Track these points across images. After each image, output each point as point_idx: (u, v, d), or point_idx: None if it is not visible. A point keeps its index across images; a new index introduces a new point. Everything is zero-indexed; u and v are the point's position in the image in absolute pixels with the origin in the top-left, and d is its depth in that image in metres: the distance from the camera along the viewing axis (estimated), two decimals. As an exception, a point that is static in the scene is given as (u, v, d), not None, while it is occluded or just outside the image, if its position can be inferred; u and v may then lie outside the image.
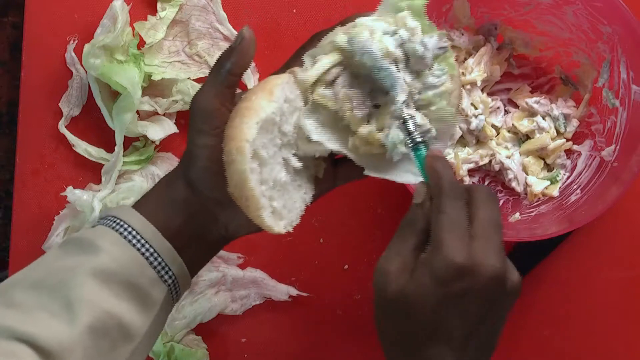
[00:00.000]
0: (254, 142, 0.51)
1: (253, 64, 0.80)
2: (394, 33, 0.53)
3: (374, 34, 0.54)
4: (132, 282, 0.51)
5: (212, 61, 0.79)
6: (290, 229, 0.55)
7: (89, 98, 0.80)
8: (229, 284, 0.80)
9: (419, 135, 0.52)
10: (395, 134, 0.53)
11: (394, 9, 0.55)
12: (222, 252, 0.80)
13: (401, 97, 0.52)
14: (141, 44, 0.79)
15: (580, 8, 0.70)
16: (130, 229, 0.53)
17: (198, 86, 0.77)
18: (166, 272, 0.53)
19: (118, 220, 0.53)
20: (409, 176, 0.55)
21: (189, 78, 0.79)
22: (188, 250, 0.55)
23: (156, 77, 0.78)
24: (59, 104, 0.80)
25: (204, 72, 0.79)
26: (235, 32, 0.79)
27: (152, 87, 0.80)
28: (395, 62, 0.53)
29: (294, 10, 0.81)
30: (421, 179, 0.52)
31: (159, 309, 0.53)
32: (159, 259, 0.53)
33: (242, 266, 0.81)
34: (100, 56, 0.76)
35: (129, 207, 0.55)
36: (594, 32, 0.71)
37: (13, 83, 0.83)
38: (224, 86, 0.54)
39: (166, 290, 0.54)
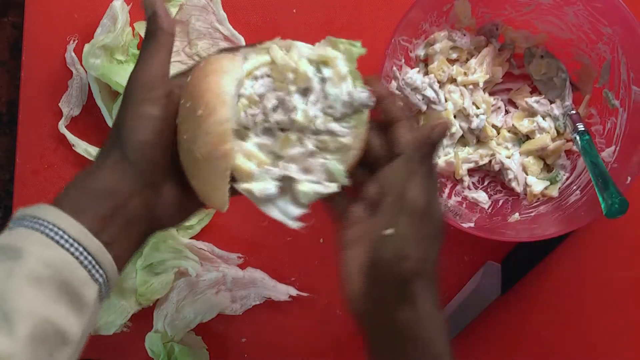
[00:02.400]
0: (232, 98, 0.51)
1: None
2: (318, 66, 0.55)
3: (299, 57, 0.55)
4: (65, 284, 0.48)
5: None
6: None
7: (89, 98, 0.80)
8: (229, 284, 0.80)
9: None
10: (267, 186, 0.55)
11: (332, 47, 0.56)
12: (222, 252, 0.80)
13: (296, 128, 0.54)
14: (141, 44, 0.79)
15: (580, 9, 0.70)
16: (55, 229, 0.49)
17: None
18: (97, 271, 0.50)
19: (40, 221, 0.49)
20: (276, 212, 0.57)
21: None
22: (116, 245, 0.52)
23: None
24: (59, 104, 0.80)
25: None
26: (235, 32, 0.79)
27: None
28: (306, 92, 0.54)
29: (294, 10, 0.81)
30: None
31: (92, 309, 0.51)
32: (89, 258, 0.49)
33: (242, 266, 0.81)
34: (100, 56, 0.76)
35: (48, 205, 0.50)
36: (595, 33, 0.71)
37: (13, 83, 0.83)
38: (163, 50, 0.53)
39: (97, 289, 0.51)
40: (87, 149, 0.80)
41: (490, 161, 0.76)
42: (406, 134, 0.56)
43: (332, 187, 0.55)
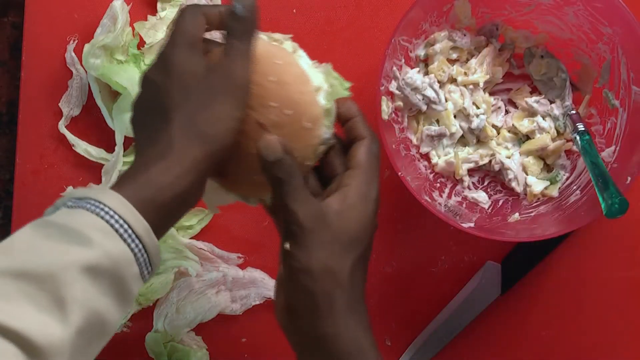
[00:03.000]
0: None
1: None
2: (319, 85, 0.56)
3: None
4: (119, 279, 0.48)
5: None
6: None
7: (89, 98, 0.80)
8: (229, 284, 0.80)
9: None
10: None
11: (325, 75, 0.57)
12: (222, 252, 0.80)
13: None
14: (141, 44, 0.79)
15: (580, 9, 0.70)
16: (121, 221, 0.48)
17: None
18: (147, 269, 0.50)
19: (106, 209, 0.48)
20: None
21: None
22: (167, 225, 0.52)
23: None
24: (59, 104, 0.80)
25: None
26: None
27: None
28: None
29: (294, 10, 0.81)
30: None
31: (132, 304, 0.52)
32: (145, 256, 0.49)
33: (242, 266, 0.81)
34: (100, 56, 0.76)
35: (113, 192, 0.49)
36: (595, 33, 0.71)
37: (13, 83, 0.83)
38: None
39: (142, 284, 0.51)
40: (87, 149, 0.80)
41: (490, 161, 0.76)
42: (363, 153, 0.57)
43: (253, 203, 0.59)
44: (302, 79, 0.55)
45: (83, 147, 0.80)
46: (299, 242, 0.53)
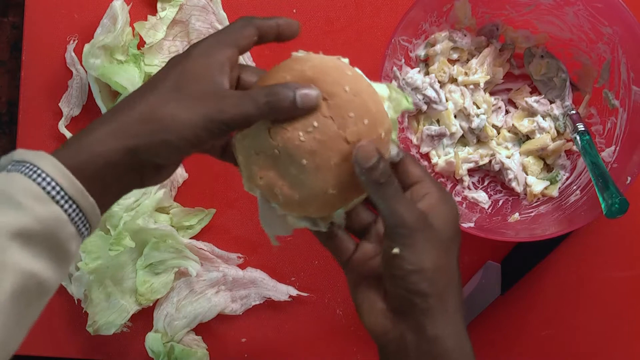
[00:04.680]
0: None
1: (253, 64, 0.80)
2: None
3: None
4: (53, 240, 0.49)
5: None
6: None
7: (89, 98, 0.80)
8: (229, 284, 0.80)
9: None
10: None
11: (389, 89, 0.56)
12: (222, 252, 0.80)
13: None
14: (141, 44, 0.79)
15: (580, 9, 0.70)
16: (53, 183, 0.49)
17: None
18: (84, 226, 0.51)
19: (39, 172, 0.49)
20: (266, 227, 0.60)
21: None
22: (103, 198, 0.52)
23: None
24: (59, 104, 0.80)
25: None
26: None
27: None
28: None
29: (294, 10, 0.81)
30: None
31: (72, 260, 0.52)
32: (80, 215, 0.50)
33: (242, 266, 0.81)
34: (100, 56, 0.76)
35: (49, 155, 0.50)
36: (595, 33, 0.71)
37: (13, 83, 0.83)
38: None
39: (80, 241, 0.51)
40: (87, 149, 0.80)
41: (490, 161, 0.76)
42: (414, 168, 0.56)
43: (322, 227, 0.57)
44: (372, 90, 0.55)
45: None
46: (409, 244, 0.52)
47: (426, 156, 0.77)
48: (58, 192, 0.49)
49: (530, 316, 0.80)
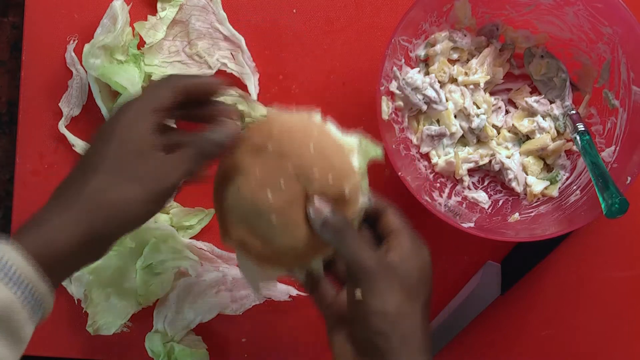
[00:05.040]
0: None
1: (253, 64, 0.80)
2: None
3: None
4: (5, 323, 0.50)
5: (212, 61, 0.79)
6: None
7: (89, 98, 0.80)
8: (229, 284, 0.80)
9: None
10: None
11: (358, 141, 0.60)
12: (222, 252, 0.80)
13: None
14: (141, 44, 0.79)
15: (580, 9, 0.70)
16: (7, 267, 0.50)
17: None
18: (38, 311, 0.52)
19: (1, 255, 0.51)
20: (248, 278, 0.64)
21: None
22: (60, 278, 0.55)
23: (156, 78, 0.78)
24: (59, 104, 0.80)
25: (204, 72, 0.79)
26: (235, 32, 0.79)
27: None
28: None
29: (294, 10, 0.81)
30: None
31: (26, 343, 0.53)
32: (33, 301, 0.51)
33: (242, 266, 0.81)
34: (100, 56, 0.76)
35: (6, 243, 0.52)
36: (595, 33, 0.71)
37: (13, 83, 0.83)
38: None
39: (33, 326, 0.53)
40: (87, 149, 0.80)
41: (490, 161, 0.76)
42: (394, 218, 0.60)
43: (299, 275, 0.61)
44: (339, 147, 0.58)
45: (83, 147, 0.80)
46: (370, 288, 0.55)
47: (426, 156, 0.77)
48: (11, 278, 0.50)
49: (530, 316, 0.80)
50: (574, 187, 0.74)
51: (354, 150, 0.59)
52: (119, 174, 0.54)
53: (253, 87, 0.79)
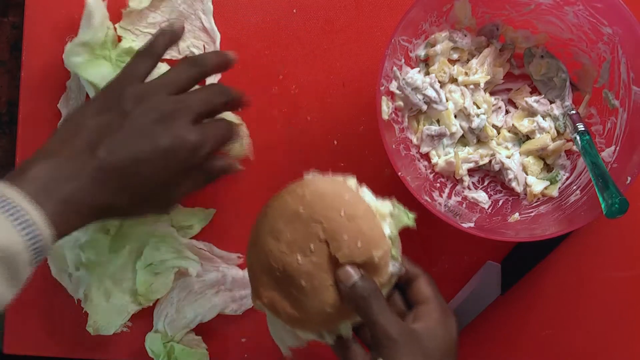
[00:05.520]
0: None
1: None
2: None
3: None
4: (9, 263, 0.53)
5: (183, 46, 0.79)
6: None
7: (88, 98, 0.80)
8: (229, 284, 0.80)
9: None
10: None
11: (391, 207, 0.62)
12: (222, 252, 0.80)
13: None
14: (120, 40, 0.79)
15: (580, 9, 0.70)
16: (20, 211, 0.54)
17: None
18: (38, 256, 0.56)
19: (9, 202, 0.55)
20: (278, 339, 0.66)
21: None
22: (61, 227, 0.58)
23: (124, 44, 0.78)
24: (57, 105, 0.80)
25: (172, 54, 0.79)
26: (214, 27, 0.79)
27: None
28: None
29: (294, 10, 0.81)
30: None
31: (23, 283, 0.56)
32: (37, 246, 0.55)
33: (242, 266, 0.81)
34: (82, 54, 0.75)
35: (16, 188, 0.56)
36: (595, 33, 0.71)
37: (13, 83, 0.83)
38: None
39: (31, 270, 0.56)
40: (87, 149, 0.80)
41: (490, 161, 0.76)
42: (426, 288, 0.62)
43: (328, 339, 0.62)
44: (370, 213, 0.59)
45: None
46: (391, 355, 0.56)
47: (426, 156, 0.77)
48: (22, 222, 0.54)
49: (530, 316, 0.80)
50: (574, 187, 0.74)
51: (386, 216, 0.60)
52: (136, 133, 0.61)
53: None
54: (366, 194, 0.61)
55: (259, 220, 0.62)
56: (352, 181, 0.61)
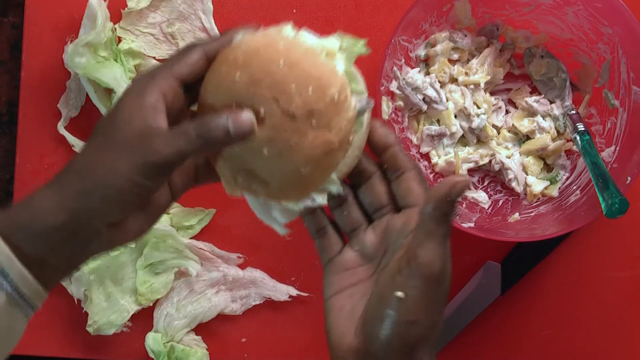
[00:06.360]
0: None
1: None
2: None
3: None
4: None
5: (182, 45, 0.79)
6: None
7: (88, 99, 0.80)
8: (229, 284, 0.80)
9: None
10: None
11: (338, 41, 0.54)
12: (222, 252, 0.80)
13: None
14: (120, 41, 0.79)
15: (581, 9, 0.70)
16: None
17: None
18: (20, 297, 0.49)
19: None
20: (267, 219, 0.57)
21: (154, 58, 0.79)
22: (54, 266, 0.50)
23: (124, 45, 0.78)
24: (58, 105, 0.80)
25: (172, 54, 0.79)
26: (214, 27, 0.79)
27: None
28: None
29: (294, 10, 0.81)
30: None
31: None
32: (9, 285, 0.48)
33: (242, 266, 0.81)
34: (85, 54, 0.76)
35: None
36: (595, 33, 0.71)
37: (13, 83, 0.83)
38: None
39: (5, 295, 0.48)
40: (87, 149, 0.80)
41: (490, 161, 0.76)
42: (418, 187, 0.53)
43: (320, 200, 0.54)
44: (311, 53, 0.52)
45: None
46: (423, 290, 0.48)
47: (426, 156, 0.77)
48: None
49: (530, 316, 0.80)
50: (574, 187, 0.74)
51: (336, 52, 0.53)
52: (108, 141, 0.49)
53: None
54: (306, 36, 0.54)
55: (200, 102, 0.54)
56: (287, 28, 0.54)
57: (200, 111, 0.53)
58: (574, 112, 0.74)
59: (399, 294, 0.48)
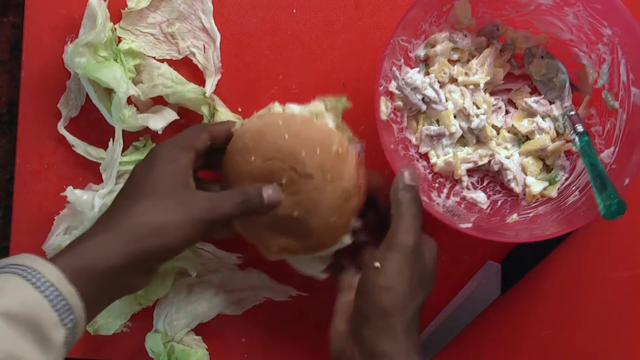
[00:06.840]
0: None
1: (219, 65, 0.79)
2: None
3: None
4: (35, 323, 0.52)
5: (183, 46, 0.79)
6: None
7: (87, 99, 0.80)
8: (229, 285, 0.80)
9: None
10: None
11: (322, 103, 0.65)
12: (222, 252, 0.80)
13: None
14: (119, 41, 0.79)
15: (580, 9, 0.70)
16: (33, 272, 0.53)
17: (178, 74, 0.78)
18: (67, 316, 0.54)
19: (21, 266, 0.54)
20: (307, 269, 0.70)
21: (154, 58, 0.79)
22: (89, 297, 0.56)
23: (124, 45, 0.78)
24: (58, 105, 0.80)
25: (172, 54, 0.79)
26: (215, 27, 0.79)
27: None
28: None
29: (294, 10, 0.81)
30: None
31: (57, 352, 0.54)
32: (61, 302, 0.53)
33: (242, 266, 0.81)
34: (85, 54, 0.75)
35: (31, 254, 0.55)
36: (595, 34, 0.71)
37: (13, 83, 0.83)
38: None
39: (65, 334, 0.54)
40: (87, 150, 0.80)
41: (489, 161, 0.76)
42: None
43: (347, 239, 0.65)
44: (307, 120, 0.62)
45: (83, 148, 0.80)
46: (395, 259, 0.58)
47: (425, 156, 0.77)
48: (38, 279, 0.53)
49: (530, 316, 0.80)
50: (573, 188, 0.74)
51: (323, 113, 0.63)
52: (159, 199, 0.58)
53: (210, 85, 0.79)
54: (293, 108, 0.64)
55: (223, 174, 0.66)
56: (276, 106, 0.65)
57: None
58: (573, 112, 0.74)
59: (376, 264, 0.58)
